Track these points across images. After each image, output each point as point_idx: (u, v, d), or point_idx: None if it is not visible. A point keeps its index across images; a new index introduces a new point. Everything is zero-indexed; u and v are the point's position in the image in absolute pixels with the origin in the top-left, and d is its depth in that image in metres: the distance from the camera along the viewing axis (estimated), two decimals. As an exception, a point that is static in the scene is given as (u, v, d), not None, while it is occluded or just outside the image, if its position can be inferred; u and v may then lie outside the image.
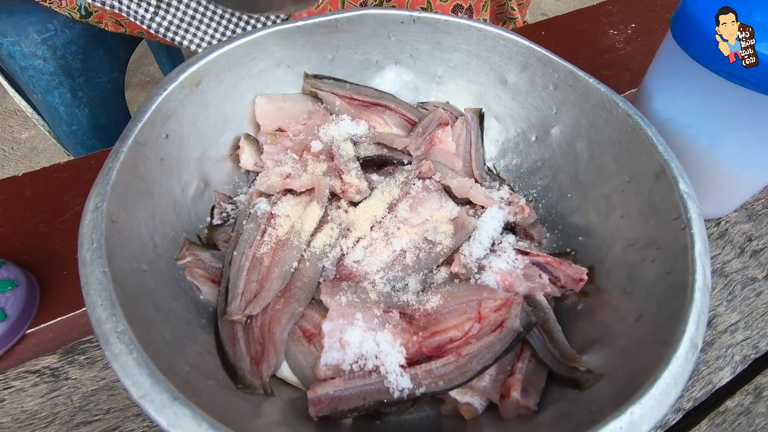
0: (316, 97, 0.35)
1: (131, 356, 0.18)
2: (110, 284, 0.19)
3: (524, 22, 0.67)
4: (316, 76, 0.35)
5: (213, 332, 0.25)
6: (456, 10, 0.47)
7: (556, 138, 0.33)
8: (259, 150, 0.33)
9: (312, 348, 0.25)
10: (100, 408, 0.27)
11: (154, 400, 0.17)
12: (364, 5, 0.45)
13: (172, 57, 1.21)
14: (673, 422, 0.28)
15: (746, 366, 0.31)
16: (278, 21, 0.46)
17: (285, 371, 0.25)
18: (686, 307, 0.20)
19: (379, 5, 0.45)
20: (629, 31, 0.56)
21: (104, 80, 0.51)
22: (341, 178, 0.29)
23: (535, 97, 0.34)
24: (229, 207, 0.31)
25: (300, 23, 0.33)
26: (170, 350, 0.20)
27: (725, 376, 0.30)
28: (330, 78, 0.36)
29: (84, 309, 0.31)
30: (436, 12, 0.34)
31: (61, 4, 0.45)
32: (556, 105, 0.33)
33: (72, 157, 0.65)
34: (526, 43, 0.33)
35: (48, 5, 0.45)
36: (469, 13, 0.48)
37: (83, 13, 0.46)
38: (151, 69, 1.34)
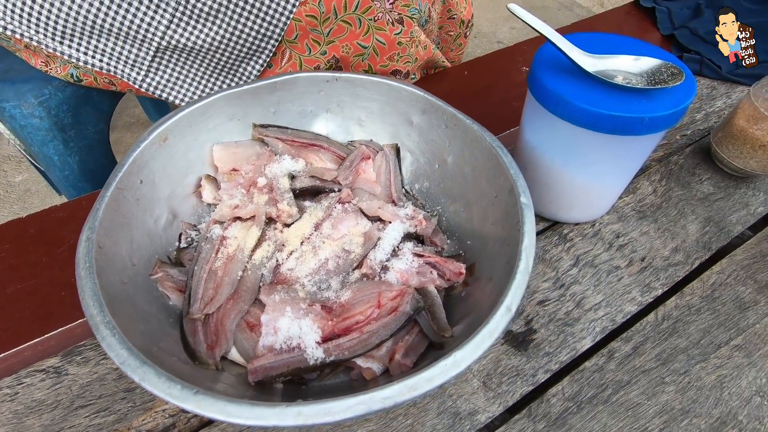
0: (263, 142, 0.44)
1: (114, 338, 0.26)
2: (99, 291, 0.28)
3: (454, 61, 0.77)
4: (262, 125, 0.44)
5: (178, 328, 0.33)
6: (395, 73, 0.57)
7: (450, 165, 0.42)
8: (218, 186, 0.42)
9: (253, 335, 0.33)
10: (93, 395, 0.34)
11: (131, 364, 0.25)
12: (317, 69, 0.55)
13: (156, 100, 1.31)
14: (543, 380, 0.36)
15: (604, 335, 0.39)
16: (233, 84, 0.55)
17: (234, 355, 0.33)
18: (509, 283, 0.29)
19: (329, 69, 0.55)
20: (538, 68, 0.66)
21: (92, 131, 0.60)
22: (276, 206, 0.37)
23: (433, 134, 0.43)
24: (193, 233, 0.39)
25: (246, 87, 0.42)
26: (144, 337, 0.28)
27: (586, 344, 0.38)
28: (274, 126, 0.45)
29: (78, 321, 0.39)
30: (355, 72, 0.44)
31: (57, 72, 0.54)
32: (448, 140, 0.42)
33: (65, 197, 0.73)
34: (422, 93, 0.42)
35: (46, 71, 0.54)
36: (406, 76, 0.58)
37: (75, 79, 0.55)
38: (136, 111, 1.43)
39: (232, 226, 0.37)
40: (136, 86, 0.54)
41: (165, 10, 0.48)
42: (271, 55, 0.54)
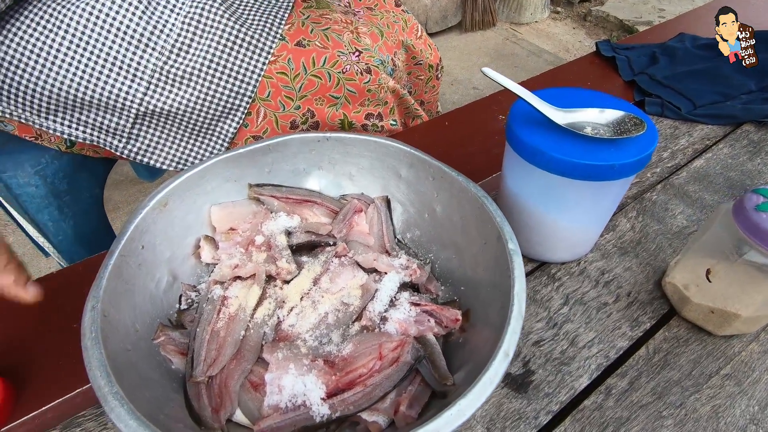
0: (258, 201, 0.46)
1: (123, 408, 0.26)
2: (105, 361, 0.28)
3: (437, 112, 0.82)
4: (258, 185, 0.46)
5: (182, 392, 0.33)
6: (368, 117, 0.60)
7: (440, 214, 0.44)
8: (216, 246, 0.43)
9: (258, 395, 0.33)
10: (93, 469, 0.34)
11: (140, 435, 0.25)
12: (293, 123, 0.58)
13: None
14: (545, 422, 0.37)
15: (600, 372, 0.40)
16: (223, 144, 0.57)
17: (239, 416, 0.33)
18: (505, 328, 0.30)
19: (305, 122, 0.58)
20: (514, 116, 0.70)
21: (87, 196, 0.61)
22: (276, 264, 0.39)
23: (421, 186, 0.45)
24: (193, 294, 0.40)
25: (241, 150, 0.44)
26: (150, 405, 0.29)
27: (584, 382, 0.39)
28: (269, 185, 0.47)
29: (77, 391, 0.38)
30: (343, 131, 0.47)
31: (50, 141, 0.56)
32: (435, 190, 0.44)
33: (53, 260, 0.73)
34: (408, 149, 0.45)
35: (39, 143, 0.56)
36: (379, 118, 0.61)
37: (68, 144, 0.57)
38: (124, 168, 1.45)
39: (232, 286, 0.38)
40: (118, 153, 0.55)
41: (142, 78, 0.51)
42: (245, 113, 0.56)
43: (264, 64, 0.54)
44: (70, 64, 0.48)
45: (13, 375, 0.38)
